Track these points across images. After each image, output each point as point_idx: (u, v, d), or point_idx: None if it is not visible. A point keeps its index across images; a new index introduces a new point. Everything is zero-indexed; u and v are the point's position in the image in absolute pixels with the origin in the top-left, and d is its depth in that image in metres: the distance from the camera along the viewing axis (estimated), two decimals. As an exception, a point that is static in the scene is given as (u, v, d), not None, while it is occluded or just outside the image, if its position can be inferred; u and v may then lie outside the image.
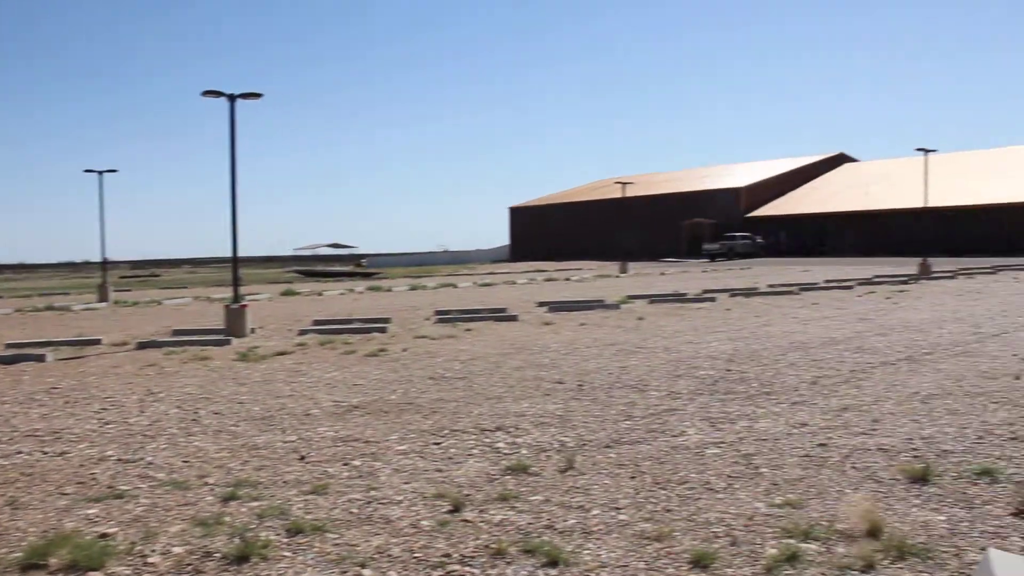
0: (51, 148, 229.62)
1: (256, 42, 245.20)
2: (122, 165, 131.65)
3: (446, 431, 8.97)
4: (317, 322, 21.75)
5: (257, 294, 37.48)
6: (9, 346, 18.64)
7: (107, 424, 10.03)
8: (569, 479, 7.00)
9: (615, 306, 24.05)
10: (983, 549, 5.00)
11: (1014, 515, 5.77)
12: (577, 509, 6.20)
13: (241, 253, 22.44)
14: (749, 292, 28.32)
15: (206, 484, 7.21)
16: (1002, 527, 5.59)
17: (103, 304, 36.02)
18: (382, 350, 15.82)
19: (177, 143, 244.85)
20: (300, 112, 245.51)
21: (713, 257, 72.10)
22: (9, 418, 10.71)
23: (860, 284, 31.91)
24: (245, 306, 20.38)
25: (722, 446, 7.93)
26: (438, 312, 23.66)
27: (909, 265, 43.34)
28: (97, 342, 19.11)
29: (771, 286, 30.97)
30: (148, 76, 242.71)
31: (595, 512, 6.11)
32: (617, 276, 47.07)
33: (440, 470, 7.46)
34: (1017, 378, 10.98)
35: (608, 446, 8.07)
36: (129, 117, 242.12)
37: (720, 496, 6.40)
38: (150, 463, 8.07)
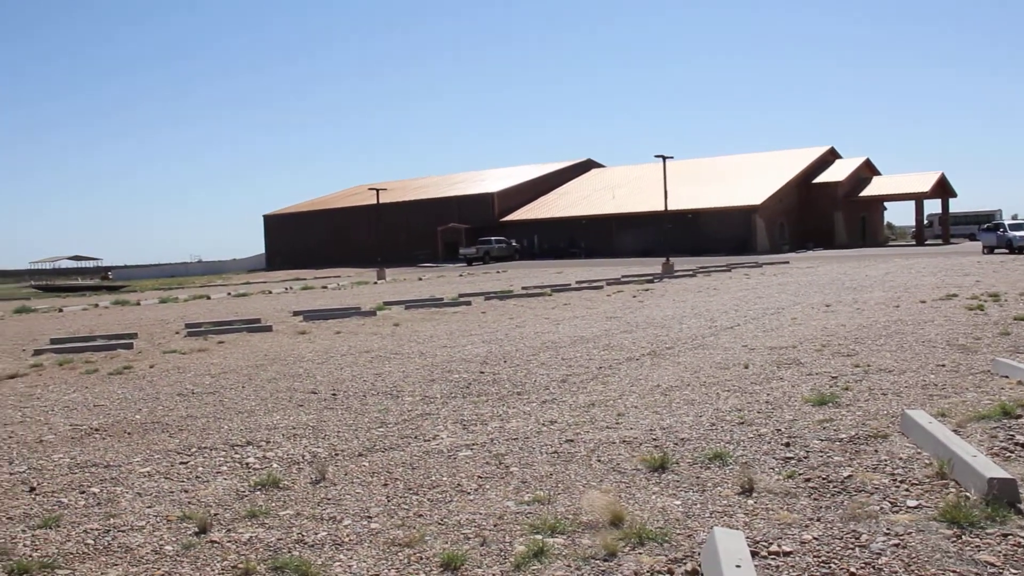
0: None
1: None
2: None
3: (194, 449, 8.62)
4: (55, 340, 20.31)
5: (-15, 313, 34.60)
6: None
7: None
8: (321, 490, 6.90)
9: (371, 313, 23.96)
10: (711, 529, 5.36)
11: (740, 494, 6.21)
12: (328, 521, 6.12)
13: None
14: (504, 295, 28.98)
15: None
16: (730, 506, 6.00)
17: None
18: (127, 367, 15.00)
19: None
20: (35, 116, 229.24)
21: (470, 261, 73.30)
22: None
23: (609, 284, 33.41)
24: (-30, 327, 18.77)
25: (474, 448, 8.06)
26: (189, 325, 22.71)
27: (654, 265, 45.93)
28: None
29: (525, 288, 31.83)
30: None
31: (346, 522, 6.05)
32: (375, 283, 46.92)
33: (186, 490, 7.15)
34: (746, 367, 11.83)
35: (361, 454, 8.01)
36: None
37: (471, 497, 6.50)
38: None
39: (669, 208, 53.33)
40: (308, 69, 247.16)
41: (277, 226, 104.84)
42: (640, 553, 5.22)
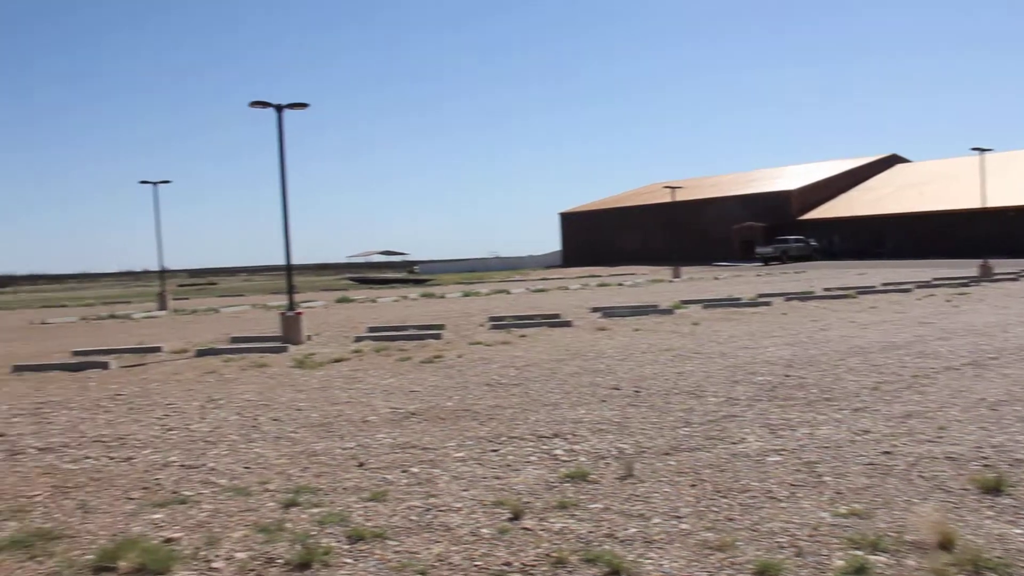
0: (109, 161, 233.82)
1: (305, 56, 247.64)
2: (177, 176, 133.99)
3: (503, 438, 8.96)
4: (372, 329, 21.89)
5: (312, 301, 37.85)
6: (75, 353, 19.06)
7: (170, 430, 10.18)
8: (628, 487, 6.95)
9: (669, 311, 23.89)
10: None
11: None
12: (637, 517, 6.14)
13: (295, 261, 22.69)
14: (805, 296, 27.97)
15: (267, 490, 7.28)
16: (1079, 538, 5.44)
17: (163, 312, 36.63)
18: (437, 357, 15.87)
19: (230, 154, 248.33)
20: (350, 120, 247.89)
21: (766, 261, 71.24)
22: (77, 424, 10.94)
23: (919, 287, 31.33)
24: (300, 313, 20.57)
25: (783, 453, 7.82)
26: (492, 318, 23.67)
27: (969, 267, 42.55)
28: (158, 349, 19.43)
29: (827, 290, 30.53)
30: (200, 89, 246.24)
31: (656, 520, 6.06)
32: (670, 281, 46.73)
33: (498, 477, 7.44)
34: (1087, 384, 10.71)
35: (667, 453, 8.00)
36: (183, 129, 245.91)
37: (783, 505, 6.30)
38: (212, 469, 8.17)
39: (987, 205, 49.19)
40: (611, 75, 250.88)
41: (573, 223, 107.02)
42: (975, 580, 4.85)
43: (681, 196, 64.34)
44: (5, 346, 23.58)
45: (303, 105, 22.01)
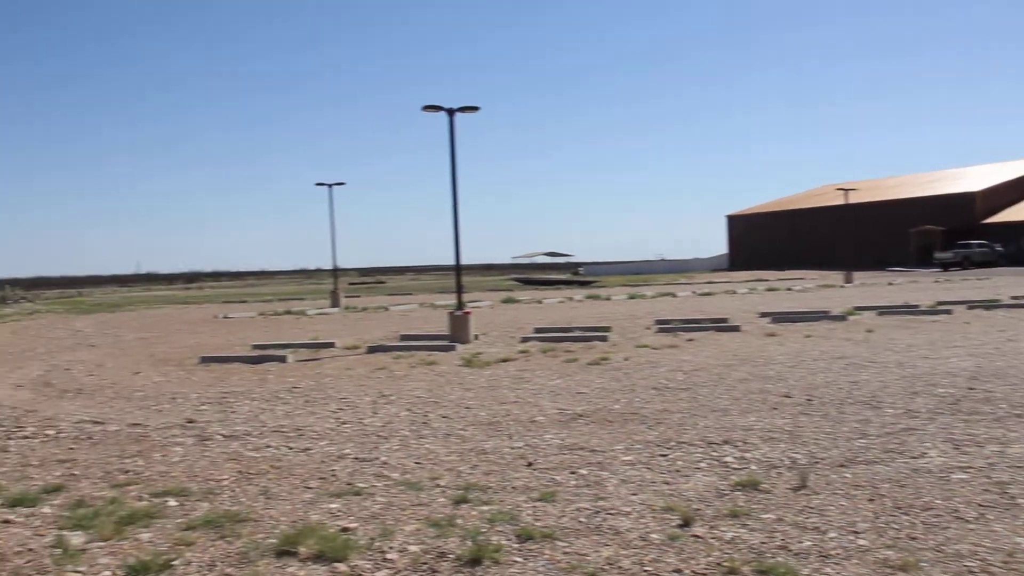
0: (286, 163, 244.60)
1: (472, 57, 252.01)
2: (351, 178, 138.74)
3: (672, 443, 8.86)
4: (538, 330, 22.07)
5: (478, 301, 38.48)
6: (255, 347, 20.03)
7: (344, 424, 10.55)
8: (802, 498, 6.74)
9: (841, 317, 23.06)
10: None
11: None
12: (812, 530, 5.95)
13: (462, 261, 23.08)
14: (990, 304, 26.44)
15: (438, 486, 7.43)
16: None
17: (335, 309, 37.99)
18: (604, 359, 15.84)
19: (401, 156, 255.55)
20: (517, 121, 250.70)
21: (946, 266, 67.77)
22: (258, 414, 11.50)
23: (1123, 298, 29.14)
24: (469, 313, 20.93)
25: (970, 471, 7.41)
26: (658, 321, 23.47)
27: None
28: (331, 345, 20.19)
29: (1015, 298, 28.75)
30: (375, 93, 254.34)
31: (832, 535, 5.85)
32: (841, 286, 45.12)
33: (667, 482, 7.36)
34: None
35: (842, 465, 7.71)
36: (358, 132, 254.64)
37: (972, 527, 5.96)
38: (385, 463, 8.41)
39: None
40: (781, 76, 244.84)
41: (740, 226, 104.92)
42: None
43: (856, 198, 62.10)
44: (193, 338, 25.00)
45: (474, 108, 22.36)
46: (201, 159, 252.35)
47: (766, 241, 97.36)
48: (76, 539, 6.27)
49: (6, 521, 6.89)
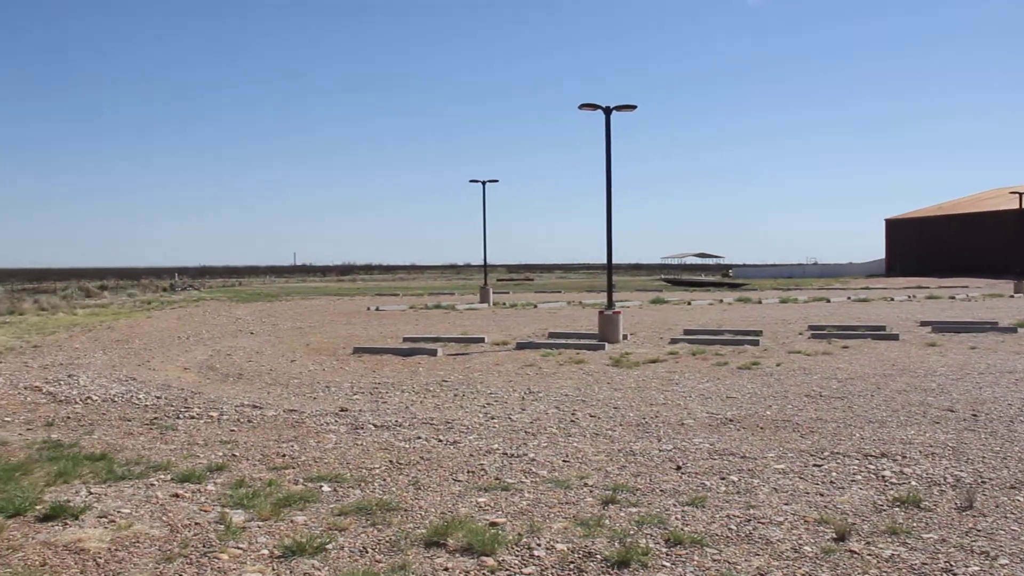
0: (438, 159, 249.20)
1: (630, 59, 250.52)
2: (502, 173, 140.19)
3: (826, 453, 8.56)
4: (687, 331, 21.78)
5: (627, 301, 38.21)
6: (406, 340, 20.48)
7: (492, 418, 10.64)
8: (968, 519, 6.39)
9: (1011, 329, 21.76)
10: None
11: None
12: (980, 555, 5.62)
13: (599, 260, 22.98)
14: None
15: (586, 485, 7.40)
16: None
17: (484, 305, 38.41)
18: (755, 363, 15.48)
19: (553, 154, 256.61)
20: (672, 120, 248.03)
21: None
22: (408, 405, 11.74)
23: None
24: (618, 312, 20.79)
25: None
26: (812, 327, 22.78)
27: None
28: (480, 340, 20.42)
29: None
30: (529, 91, 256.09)
31: (1003, 561, 5.50)
32: (1011, 296, 42.73)
33: (821, 494, 7.11)
34: None
35: (1014, 487, 7.27)
36: (511, 128, 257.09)
37: None
38: (533, 459, 8.43)
39: None
40: (951, 76, 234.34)
41: (900, 231, 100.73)
42: None
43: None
44: (347, 329, 25.74)
45: (631, 107, 22.16)
46: (355, 157, 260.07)
47: (928, 246, 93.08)
48: (237, 517, 6.53)
49: (175, 495, 7.26)
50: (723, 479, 7.60)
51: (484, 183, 42.61)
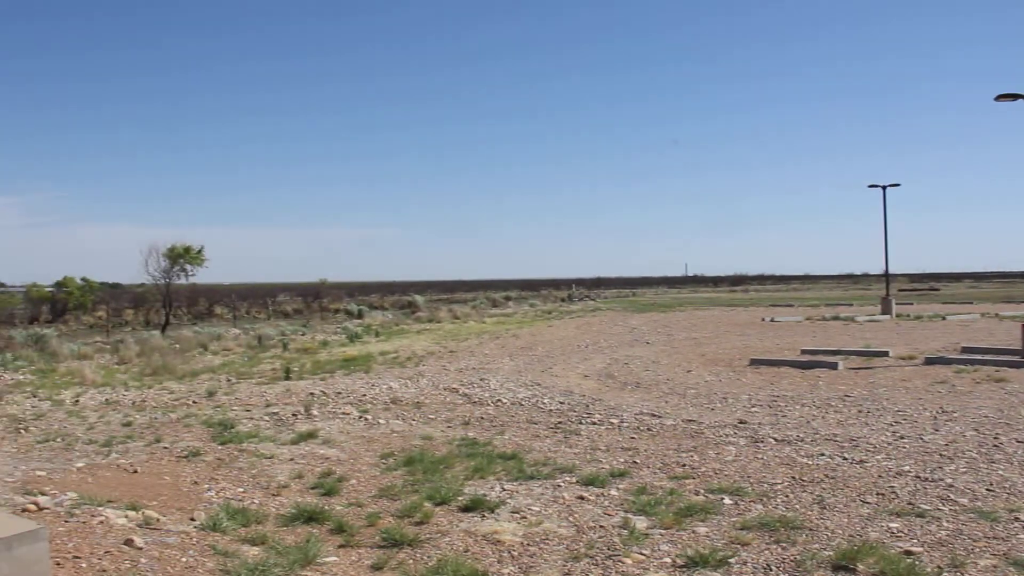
0: (834, 164, 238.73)
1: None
2: (905, 178, 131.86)
3: None
4: None
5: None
6: (804, 352, 19.83)
7: (901, 438, 9.98)
8: None
9: None
10: None
11: None
12: None
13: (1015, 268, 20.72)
14: None
15: (1017, 520, 6.66)
16: None
17: (885, 316, 36.23)
18: None
19: (963, 154, 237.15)
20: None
21: None
22: (809, 420, 11.34)
23: None
24: (1046, 326, 18.68)
25: None
26: None
27: None
28: (884, 354, 19.25)
29: None
30: (937, 87, 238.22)
31: None
32: None
33: None
34: None
35: None
36: (916, 130, 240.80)
37: None
38: (950, 485, 7.77)
39: None
40: None
41: None
42: None
43: None
44: (741, 340, 25.42)
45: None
46: (752, 171, 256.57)
47: None
48: (640, 523, 6.66)
49: (581, 497, 7.56)
50: None
51: (884, 187, 40.29)
